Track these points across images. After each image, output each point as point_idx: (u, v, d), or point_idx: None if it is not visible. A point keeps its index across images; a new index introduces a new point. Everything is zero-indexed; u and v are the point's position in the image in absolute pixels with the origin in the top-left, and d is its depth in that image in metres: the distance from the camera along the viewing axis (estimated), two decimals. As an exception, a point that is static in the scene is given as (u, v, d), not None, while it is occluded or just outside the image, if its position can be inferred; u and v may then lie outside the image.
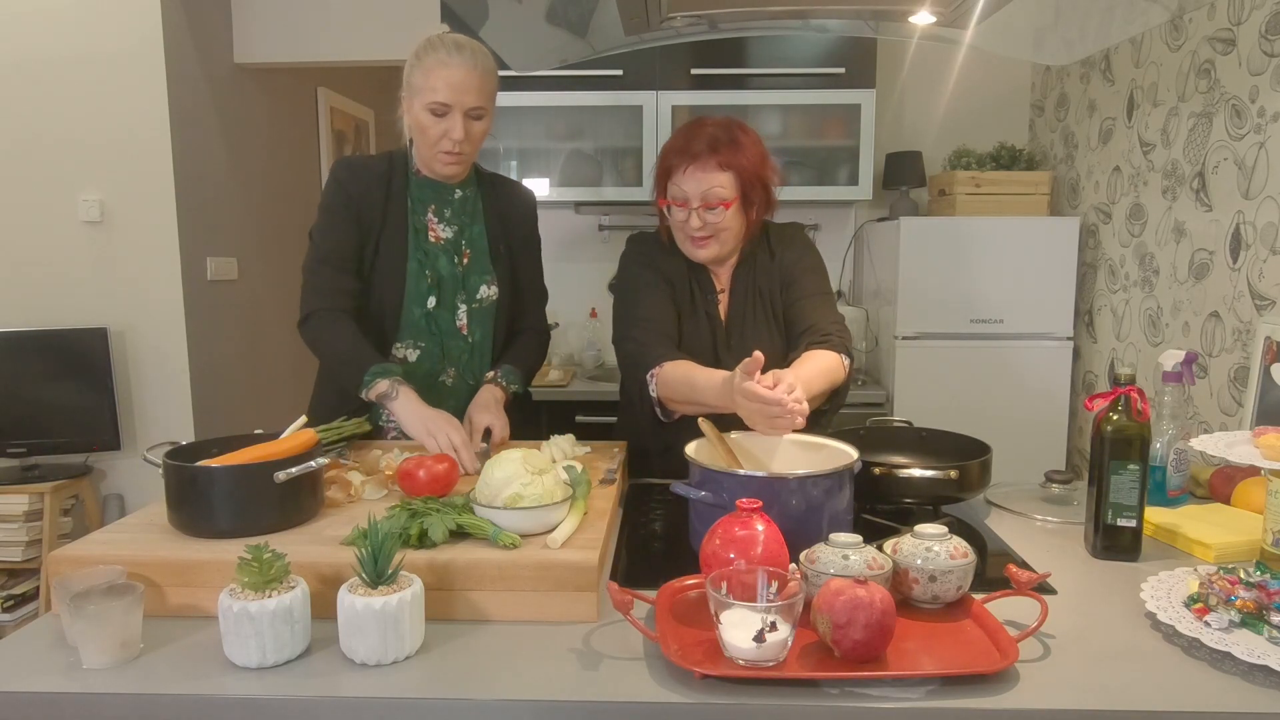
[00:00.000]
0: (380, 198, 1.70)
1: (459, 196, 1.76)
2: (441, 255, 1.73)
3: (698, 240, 1.62)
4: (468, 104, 1.60)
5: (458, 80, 1.58)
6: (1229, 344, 2.21)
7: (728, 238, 1.63)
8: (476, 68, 1.60)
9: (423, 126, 1.63)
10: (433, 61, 1.59)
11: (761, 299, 1.70)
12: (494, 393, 1.71)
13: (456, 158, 1.66)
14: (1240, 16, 2.17)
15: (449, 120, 1.60)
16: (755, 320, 1.69)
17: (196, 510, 1.17)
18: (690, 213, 1.59)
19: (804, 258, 1.73)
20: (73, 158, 3.12)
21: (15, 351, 3.02)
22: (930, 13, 1.62)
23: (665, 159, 1.62)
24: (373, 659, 0.96)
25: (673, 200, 1.61)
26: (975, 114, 3.41)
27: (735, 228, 1.63)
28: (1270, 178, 2.06)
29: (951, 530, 1.11)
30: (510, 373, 1.76)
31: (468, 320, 1.76)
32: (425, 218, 1.73)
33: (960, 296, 2.88)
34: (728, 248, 1.65)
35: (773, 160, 1.66)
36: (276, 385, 3.90)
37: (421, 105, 1.61)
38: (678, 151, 1.60)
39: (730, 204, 1.59)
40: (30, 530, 2.95)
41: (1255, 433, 1.24)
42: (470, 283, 1.76)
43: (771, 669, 0.93)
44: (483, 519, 1.15)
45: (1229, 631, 0.99)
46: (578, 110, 3.14)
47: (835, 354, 1.57)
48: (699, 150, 1.57)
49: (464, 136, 1.62)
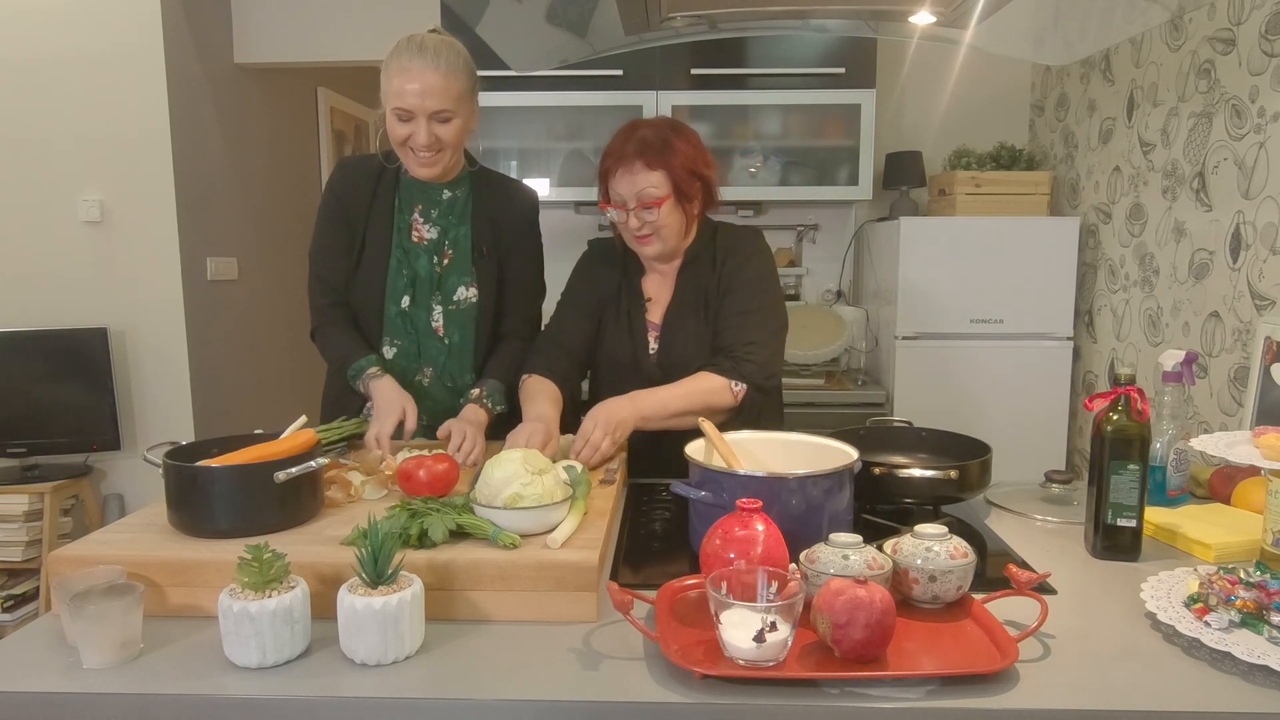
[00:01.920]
0: (367, 194, 1.73)
1: (447, 197, 1.76)
2: (422, 255, 1.75)
3: (640, 239, 1.66)
4: (430, 108, 1.60)
5: (416, 86, 1.58)
6: (1229, 344, 2.21)
7: (669, 234, 1.66)
8: (438, 69, 1.58)
9: (391, 128, 1.65)
10: (396, 67, 1.60)
11: (696, 307, 1.71)
12: (478, 414, 1.68)
13: (427, 159, 1.66)
14: (1240, 16, 2.17)
15: (413, 125, 1.61)
16: (686, 329, 1.71)
17: (196, 510, 1.17)
18: (628, 214, 1.63)
19: (744, 268, 1.71)
20: (73, 158, 3.12)
21: (15, 351, 3.02)
22: (930, 13, 1.62)
23: (602, 164, 1.66)
24: (373, 659, 0.96)
25: (612, 203, 1.65)
26: (975, 114, 3.42)
27: (674, 224, 1.65)
28: (1270, 178, 2.06)
29: (951, 530, 1.11)
30: (495, 392, 1.73)
31: (444, 322, 1.76)
32: (411, 217, 1.75)
33: (960, 296, 2.88)
34: (670, 244, 1.68)
35: (707, 154, 1.69)
36: (276, 385, 3.90)
37: (389, 110, 1.63)
38: (611, 155, 1.64)
39: (663, 202, 1.61)
40: (30, 530, 2.95)
41: (1255, 433, 1.24)
42: (447, 284, 1.76)
43: (771, 669, 0.92)
44: (483, 519, 1.15)
45: (1229, 631, 0.99)
46: (578, 110, 3.14)
47: (722, 380, 1.61)
48: (629, 153, 1.61)
49: (428, 141, 1.62)
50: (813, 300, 3.50)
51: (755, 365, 1.63)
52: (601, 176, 1.66)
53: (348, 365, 1.70)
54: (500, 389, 1.74)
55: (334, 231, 1.75)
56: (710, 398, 1.60)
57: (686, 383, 1.61)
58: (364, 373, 1.69)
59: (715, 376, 1.62)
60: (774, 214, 3.50)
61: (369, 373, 1.69)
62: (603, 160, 1.66)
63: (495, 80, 3.00)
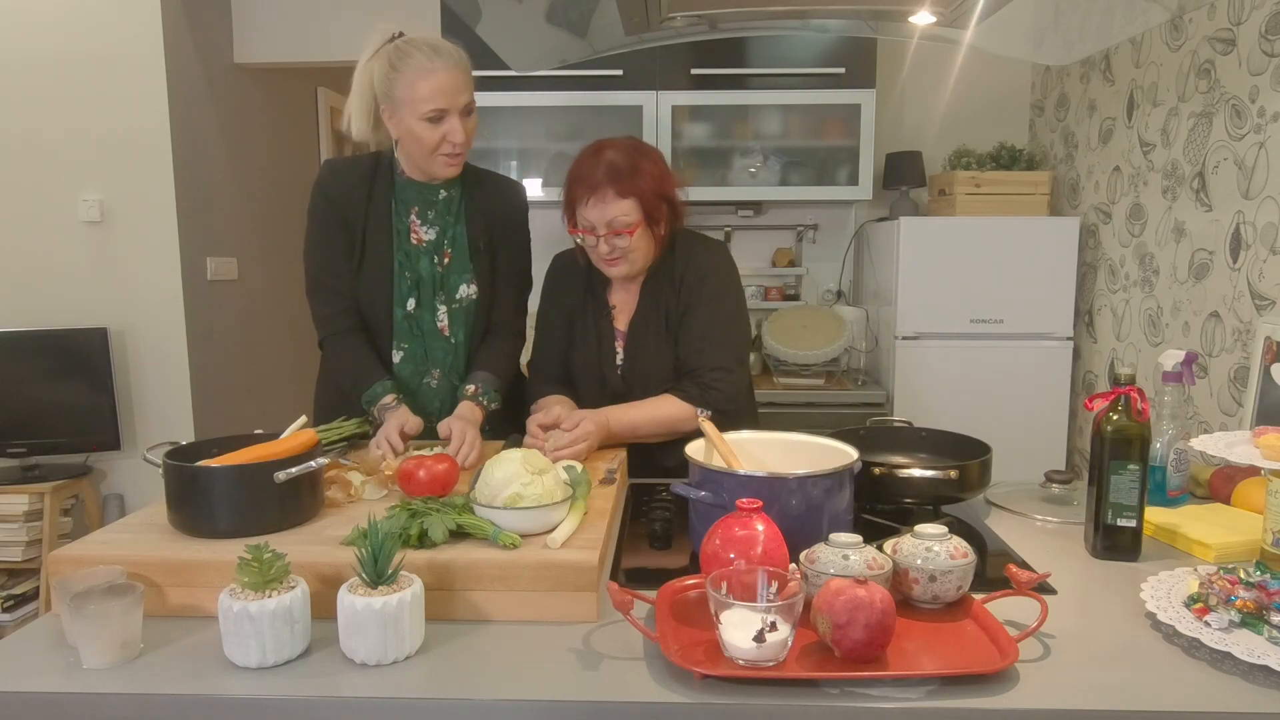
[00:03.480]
0: (362, 197, 1.71)
1: (443, 197, 1.75)
2: (423, 256, 1.74)
3: (608, 261, 1.66)
4: (461, 104, 1.61)
5: (447, 84, 1.58)
6: (1229, 344, 2.21)
7: (637, 257, 1.66)
8: (458, 66, 1.61)
9: (418, 136, 1.61)
10: (415, 71, 1.57)
11: (658, 321, 1.72)
12: (474, 412, 1.67)
13: (458, 159, 1.67)
14: (1240, 16, 2.17)
15: (447, 124, 1.60)
16: (649, 343, 1.72)
17: (196, 510, 1.17)
18: (598, 239, 1.63)
19: (704, 284, 1.70)
20: (73, 158, 3.12)
21: (15, 351, 3.02)
22: (930, 13, 1.62)
23: (569, 189, 1.64)
24: (373, 659, 0.96)
25: (581, 229, 1.64)
26: (975, 114, 3.42)
27: (644, 247, 1.66)
28: (1270, 178, 2.06)
29: (951, 530, 1.11)
30: (490, 388, 1.72)
31: (448, 321, 1.76)
32: (408, 219, 1.73)
33: (960, 296, 2.88)
34: (638, 266, 1.69)
35: (672, 175, 1.68)
36: (276, 385, 3.90)
37: (415, 116, 1.59)
38: (578, 182, 1.62)
39: (635, 229, 1.61)
40: (30, 530, 2.95)
41: (1255, 433, 1.24)
42: (450, 283, 1.75)
43: (771, 669, 0.92)
44: (483, 519, 1.15)
45: (1229, 631, 0.99)
46: (578, 110, 3.14)
47: (687, 407, 1.64)
48: (599, 180, 1.59)
49: (464, 136, 1.63)
50: (813, 300, 3.51)
51: (720, 393, 1.66)
52: (569, 202, 1.65)
53: (361, 388, 1.67)
54: (494, 383, 1.73)
55: (332, 235, 1.71)
56: (676, 425, 1.66)
57: (653, 406, 1.66)
58: (379, 400, 1.66)
59: (682, 404, 1.65)
60: (774, 214, 3.50)
61: (384, 402, 1.65)
62: (570, 186, 1.64)
63: (495, 80, 3.00)
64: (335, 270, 1.72)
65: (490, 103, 3.07)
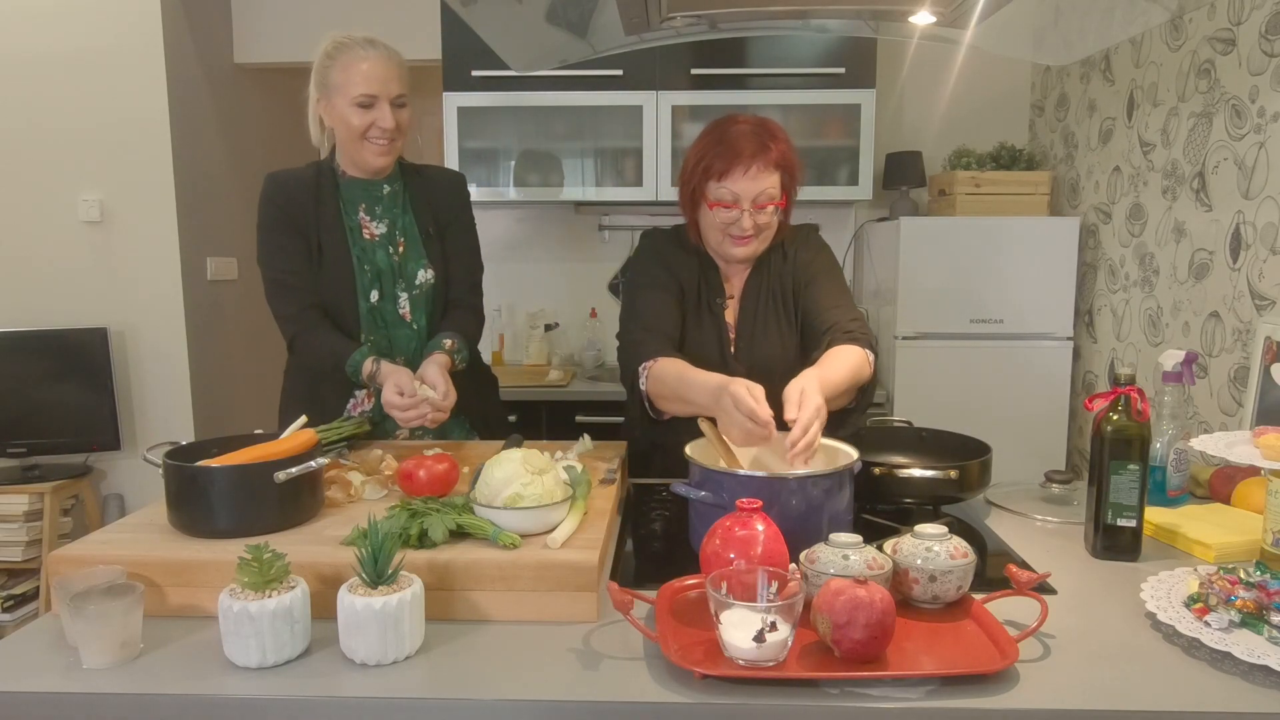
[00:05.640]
0: (311, 204, 1.74)
1: (387, 192, 1.79)
2: (378, 249, 1.77)
3: (742, 239, 1.60)
4: (393, 92, 1.68)
5: (379, 72, 1.66)
6: (1229, 344, 2.21)
7: (768, 235, 1.64)
8: (391, 59, 1.69)
9: (348, 121, 1.68)
10: (350, 58, 1.67)
11: (774, 302, 1.69)
12: (448, 363, 1.70)
13: (387, 146, 1.71)
14: (1240, 16, 2.17)
15: (377, 110, 1.67)
16: (766, 324, 1.68)
17: (196, 510, 1.17)
18: (742, 213, 1.57)
19: (819, 258, 1.70)
20: (73, 158, 3.12)
21: (15, 351, 3.02)
22: (930, 13, 1.62)
23: (706, 160, 1.57)
24: (373, 659, 0.96)
25: (719, 202, 1.58)
26: (975, 114, 3.42)
27: (775, 225, 1.64)
28: (1270, 178, 2.06)
29: (951, 530, 1.11)
30: (464, 347, 1.76)
31: (410, 308, 1.79)
32: (357, 217, 1.77)
33: (960, 296, 2.88)
34: (765, 245, 1.65)
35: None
36: (276, 385, 3.88)
37: (347, 101, 1.67)
38: (724, 154, 1.56)
39: (781, 203, 1.60)
40: (30, 530, 2.95)
41: (1255, 433, 1.24)
42: (408, 270, 1.79)
43: (771, 669, 0.93)
44: (483, 519, 1.15)
45: (1229, 631, 0.99)
46: (578, 110, 3.14)
47: (860, 349, 1.54)
48: (751, 151, 1.54)
49: (393, 124, 1.68)
50: (813, 300, 3.50)
51: (870, 337, 1.60)
52: (703, 174, 1.58)
53: (343, 361, 1.69)
54: (466, 346, 1.77)
55: (289, 241, 1.73)
56: (858, 372, 1.51)
57: (839, 358, 1.49)
58: (365, 360, 1.68)
59: (853, 349, 1.53)
60: (774, 214, 3.49)
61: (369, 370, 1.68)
62: (712, 159, 1.56)
63: (495, 80, 3.01)
64: (296, 270, 1.74)
65: (490, 103, 3.07)
